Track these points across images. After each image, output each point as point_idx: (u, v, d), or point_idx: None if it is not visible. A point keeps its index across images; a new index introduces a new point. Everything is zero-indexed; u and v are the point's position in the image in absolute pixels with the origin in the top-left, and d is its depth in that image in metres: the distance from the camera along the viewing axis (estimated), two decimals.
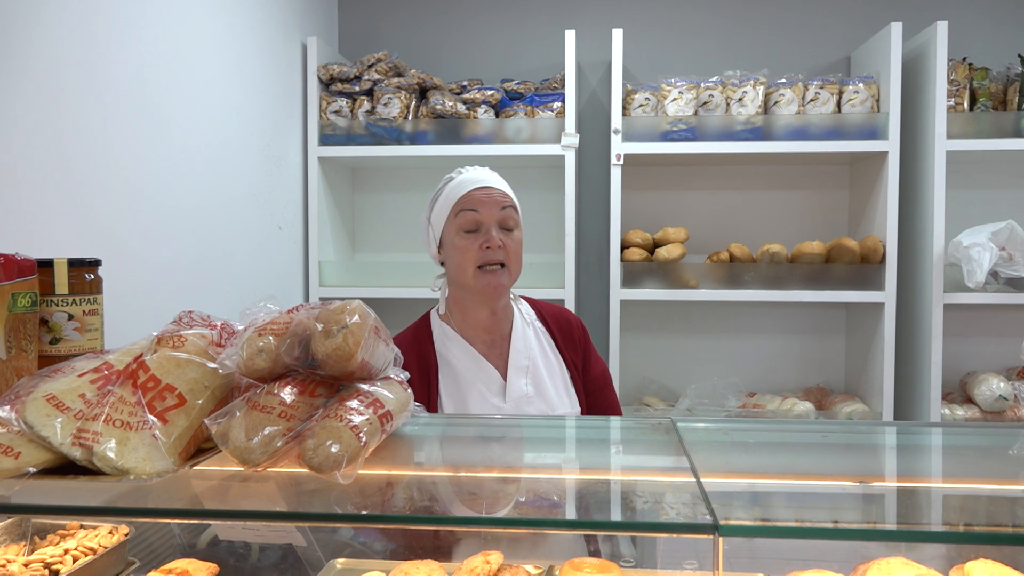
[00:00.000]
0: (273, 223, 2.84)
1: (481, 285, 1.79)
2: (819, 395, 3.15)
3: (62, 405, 0.93)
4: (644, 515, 0.88)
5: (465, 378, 1.85)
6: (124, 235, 1.96)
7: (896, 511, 1.05)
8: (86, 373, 0.99)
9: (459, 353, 1.87)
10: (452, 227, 1.81)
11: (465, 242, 1.79)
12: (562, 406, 1.88)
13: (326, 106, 3.11)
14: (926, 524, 1.00)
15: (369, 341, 1.02)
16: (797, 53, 3.29)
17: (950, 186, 2.82)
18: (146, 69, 2.05)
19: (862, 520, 0.97)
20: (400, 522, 0.94)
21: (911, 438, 1.37)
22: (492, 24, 3.43)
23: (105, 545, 1.26)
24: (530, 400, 1.85)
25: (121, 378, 0.97)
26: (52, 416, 0.91)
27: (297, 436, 0.94)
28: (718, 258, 2.99)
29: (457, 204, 1.80)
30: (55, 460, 0.91)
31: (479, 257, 1.78)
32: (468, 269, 1.79)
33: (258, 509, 0.93)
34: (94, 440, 0.89)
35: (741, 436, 1.27)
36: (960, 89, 2.88)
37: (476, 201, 1.79)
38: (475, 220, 1.78)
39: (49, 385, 0.96)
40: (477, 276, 1.79)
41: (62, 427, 0.91)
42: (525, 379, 1.86)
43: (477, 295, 1.84)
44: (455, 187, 1.83)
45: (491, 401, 1.83)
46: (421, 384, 1.83)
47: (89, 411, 0.92)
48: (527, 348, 1.90)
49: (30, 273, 1.15)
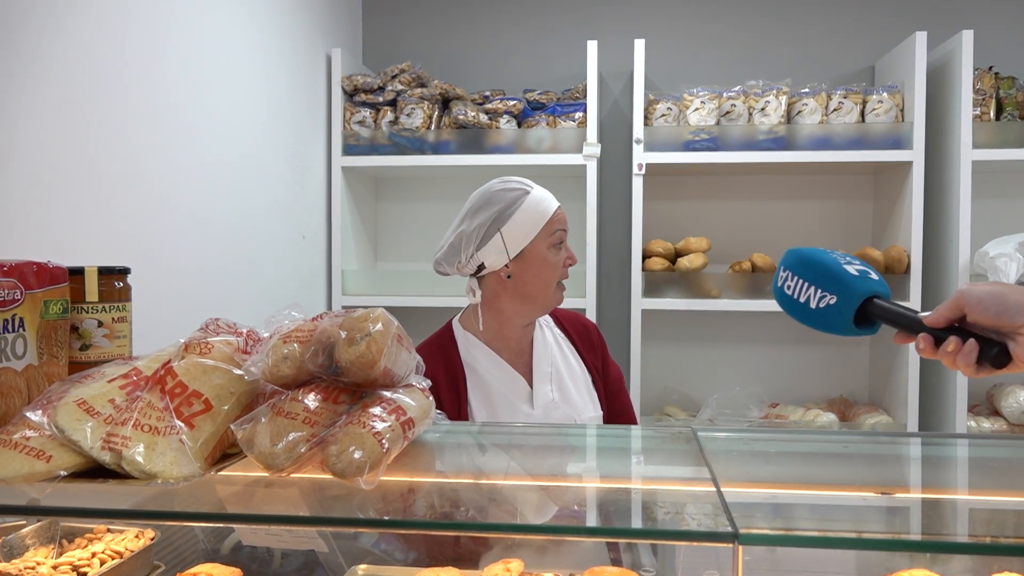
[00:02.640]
0: (297, 232, 2.87)
1: (557, 299, 1.88)
2: (842, 406, 3.13)
3: (92, 410, 0.95)
4: (664, 523, 0.88)
5: (493, 387, 1.87)
6: (152, 243, 2.00)
7: (920, 522, 1.04)
8: (116, 379, 1.01)
9: (485, 362, 1.89)
10: (544, 242, 1.83)
11: (557, 258, 1.85)
12: (587, 410, 1.92)
13: (350, 116, 3.14)
14: (950, 535, 0.99)
15: (392, 349, 1.03)
16: (820, 63, 3.28)
17: (976, 196, 2.79)
18: (173, 80, 2.08)
19: (884, 531, 0.96)
20: (421, 527, 0.95)
21: (935, 449, 1.37)
22: (514, 35, 3.45)
23: (132, 549, 1.28)
24: (557, 406, 1.88)
25: (150, 384, 0.99)
26: (83, 421, 0.93)
27: (321, 442, 0.95)
28: (740, 268, 2.98)
29: (552, 222, 1.84)
30: (86, 464, 0.93)
31: (562, 274, 1.87)
32: (552, 284, 1.86)
33: (281, 514, 0.94)
34: (123, 445, 0.91)
35: (762, 446, 1.27)
36: (986, 98, 2.86)
37: (563, 220, 1.86)
38: (564, 238, 1.86)
39: (80, 391, 0.98)
40: (557, 290, 1.87)
41: (92, 432, 0.93)
42: (550, 385, 1.90)
43: (544, 309, 1.91)
44: (542, 201, 1.83)
45: (520, 408, 1.86)
46: (451, 394, 1.85)
47: (118, 416, 0.94)
48: (549, 355, 1.94)
49: (62, 281, 1.18)
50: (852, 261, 1.07)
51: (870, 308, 1.02)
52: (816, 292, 1.05)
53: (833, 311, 1.04)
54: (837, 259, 1.07)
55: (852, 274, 1.04)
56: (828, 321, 1.05)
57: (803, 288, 1.07)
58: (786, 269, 1.12)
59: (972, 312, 0.93)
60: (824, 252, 1.09)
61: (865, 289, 1.02)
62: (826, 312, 1.04)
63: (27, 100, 1.60)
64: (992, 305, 0.91)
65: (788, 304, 1.10)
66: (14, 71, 1.56)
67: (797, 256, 1.11)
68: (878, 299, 1.03)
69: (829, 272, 1.05)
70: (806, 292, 1.07)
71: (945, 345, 0.95)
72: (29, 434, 0.93)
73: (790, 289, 1.10)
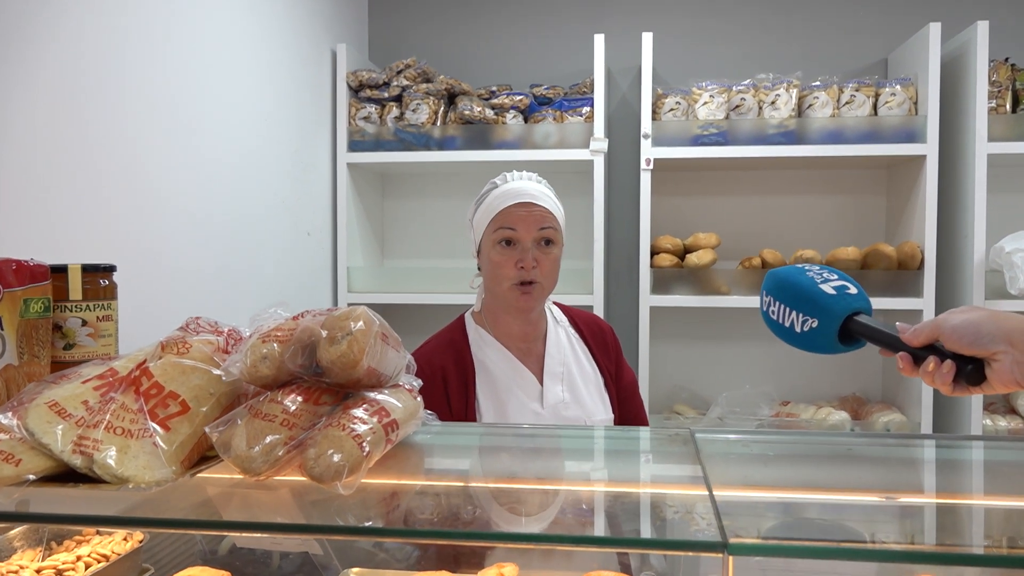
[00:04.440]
0: (302, 229, 2.85)
1: (513, 299, 1.79)
2: (855, 404, 3.07)
3: (64, 412, 0.92)
4: (650, 532, 0.85)
5: (503, 383, 1.84)
6: (152, 241, 1.97)
7: (925, 530, 1.01)
8: (90, 380, 0.98)
9: (496, 358, 1.86)
10: (489, 239, 1.79)
11: (501, 257, 1.77)
12: (597, 412, 1.88)
13: (355, 112, 3.11)
14: (956, 545, 0.95)
15: (375, 348, 1.00)
16: (832, 55, 3.22)
17: (991, 190, 2.73)
18: (174, 77, 2.06)
19: (887, 540, 0.92)
20: (398, 536, 0.92)
21: (944, 452, 1.32)
22: (521, 29, 3.42)
23: (118, 552, 1.25)
24: (567, 406, 1.84)
25: (124, 385, 0.96)
26: (53, 423, 0.91)
27: (299, 445, 0.92)
28: (750, 264, 2.94)
29: (497, 218, 1.78)
30: (56, 467, 0.91)
31: (514, 275, 1.77)
32: (503, 283, 1.78)
33: (253, 520, 0.91)
34: (94, 448, 0.88)
35: (761, 448, 1.23)
36: (1002, 91, 2.80)
37: (515, 219, 1.76)
38: (511, 237, 1.76)
39: (53, 392, 0.95)
40: (511, 291, 1.78)
41: (63, 434, 0.90)
42: (561, 385, 1.86)
43: (504, 305, 1.84)
44: (497, 197, 1.79)
45: (529, 407, 1.82)
46: (459, 387, 1.82)
47: (91, 418, 0.92)
48: (561, 355, 1.90)
49: (43, 279, 1.15)
50: (829, 276, 1.07)
51: (852, 326, 1.03)
52: (799, 316, 1.06)
53: (817, 334, 1.04)
54: (814, 279, 1.07)
55: (829, 294, 1.04)
56: (814, 343, 1.06)
57: (786, 312, 1.07)
58: (768, 294, 1.11)
59: (947, 341, 0.96)
60: (800, 272, 1.08)
61: (843, 309, 1.03)
62: (810, 335, 1.05)
63: (19, 95, 1.57)
64: (967, 335, 0.94)
65: (775, 328, 1.11)
66: (4, 63, 1.54)
67: (775, 280, 1.11)
68: (859, 316, 1.03)
69: (806, 295, 1.05)
70: (789, 316, 1.07)
71: (925, 365, 0.98)
72: None
73: (774, 314, 1.10)
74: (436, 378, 1.79)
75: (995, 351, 0.93)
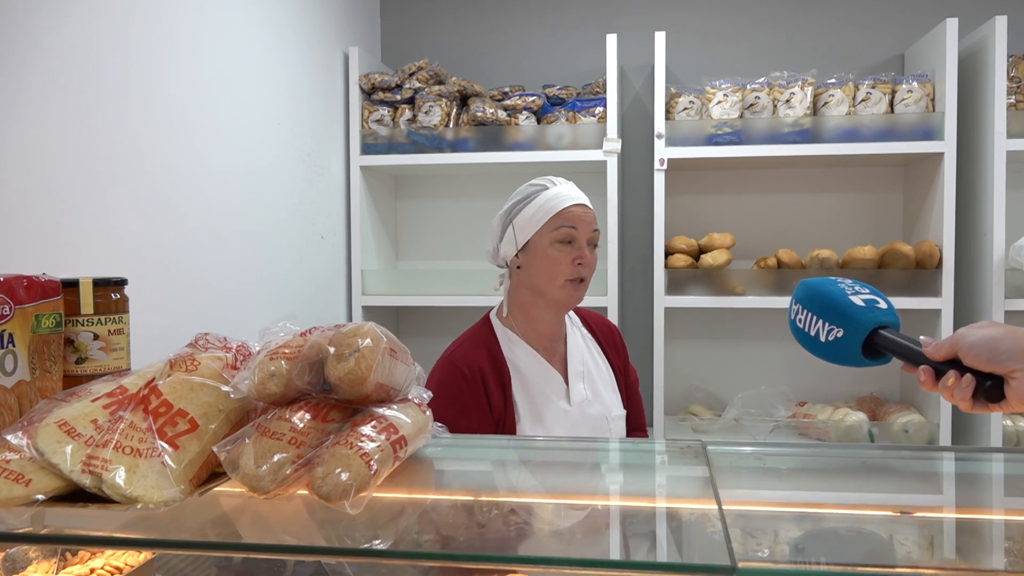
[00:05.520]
0: (315, 233, 2.85)
1: (565, 296, 1.88)
2: (873, 405, 3.04)
3: (73, 431, 0.92)
4: (654, 555, 0.84)
5: (534, 382, 1.91)
6: (163, 250, 1.98)
7: (945, 549, 0.99)
8: (99, 398, 0.98)
9: (526, 358, 1.94)
10: (547, 236, 1.87)
11: (560, 253, 1.86)
12: (615, 408, 1.99)
13: (368, 115, 3.11)
14: (978, 566, 0.94)
15: (383, 364, 1.00)
16: (847, 52, 3.19)
17: (1010, 187, 2.69)
18: (182, 82, 2.06)
19: (904, 561, 0.91)
20: (405, 558, 0.91)
21: (965, 465, 1.30)
22: (533, 30, 3.40)
23: (131, 564, 1.26)
24: (590, 403, 1.94)
25: (133, 403, 0.96)
26: (63, 443, 0.91)
27: (307, 463, 0.92)
28: (765, 264, 2.91)
29: (558, 216, 1.86)
30: (66, 487, 0.91)
31: (571, 271, 1.86)
32: (558, 279, 1.87)
33: (259, 542, 0.91)
34: (103, 468, 0.89)
35: (774, 462, 1.22)
36: (1021, 86, 2.76)
37: (575, 217, 1.86)
38: (572, 235, 1.86)
39: (62, 411, 0.96)
40: (564, 287, 1.87)
41: (72, 454, 0.90)
42: (583, 383, 1.96)
43: (556, 304, 1.92)
44: (554, 198, 1.88)
45: (558, 404, 1.91)
46: (497, 386, 1.88)
47: (100, 437, 0.92)
48: (580, 355, 2.00)
49: (54, 294, 1.16)
50: (860, 290, 1.07)
51: (876, 339, 1.03)
52: (825, 325, 1.06)
53: (841, 344, 1.04)
54: (844, 290, 1.07)
55: (858, 306, 1.04)
56: (838, 354, 1.05)
57: (812, 321, 1.08)
58: (796, 302, 1.12)
59: (966, 358, 0.95)
60: (832, 283, 1.09)
61: (870, 321, 1.03)
62: (835, 345, 1.05)
63: (23, 102, 1.57)
64: (984, 351, 0.93)
65: (801, 337, 1.11)
66: (9, 69, 1.54)
67: (806, 289, 1.11)
68: (885, 330, 1.03)
69: (835, 305, 1.06)
70: (815, 325, 1.07)
71: (945, 379, 0.96)
72: (9, 456, 0.91)
73: (801, 323, 1.10)
74: (476, 379, 1.86)
75: (1013, 368, 0.91)
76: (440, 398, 1.76)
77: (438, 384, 1.87)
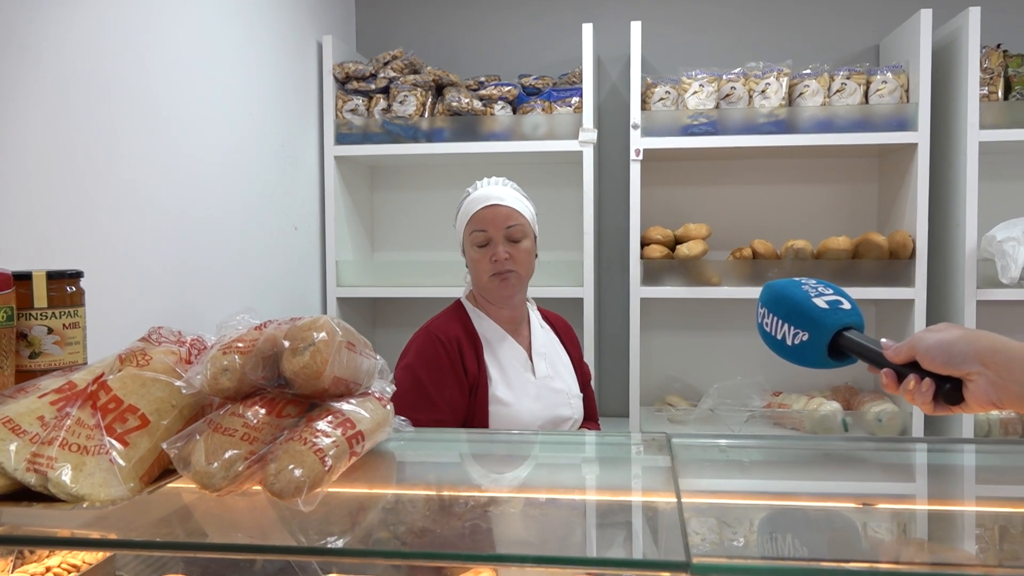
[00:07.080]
0: (289, 223, 2.82)
1: (495, 290, 2.04)
2: (847, 394, 3.06)
3: (18, 428, 0.90)
4: (607, 550, 0.83)
5: (502, 354, 2.07)
6: (129, 240, 1.94)
7: (908, 542, 0.98)
8: (47, 394, 0.96)
9: (494, 332, 2.09)
10: (468, 240, 2.05)
11: (478, 255, 2.03)
12: (574, 388, 2.15)
13: (342, 105, 3.08)
14: (941, 559, 0.93)
15: (340, 357, 0.98)
16: (822, 43, 3.18)
17: (983, 178, 2.70)
18: (153, 70, 2.03)
19: (865, 556, 0.90)
20: (359, 556, 0.90)
21: (930, 456, 1.29)
22: (510, 19, 3.38)
23: (89, 562, 1.24)
24: (552, 380, 2.10)
25: (80, 399, 0.94)
26: (7, 440, 0.89)
27: (260, 459, 0.90)
28: (741, 255, 2.91)
29: (471, 221, 2.03)
30: (11, 486, 0.88)
31: (490, 268, 2.01)
32: (483, 277, 2.03)
33: (208, 542, 0.89)
34: (48, 466, 0.86)
35: (739, 454, 1.21)
36: (994, 77, 2.77)
37: (484, 221, 2.01)
38: (485, 237, 2.01)
39: (7, 408, 0.93)
40: (491, 281, 2.03)
41: (16, 452, 0.88)
42: (545, 363, 2.11)
43: (488, 297, 2.08)
44: (469, 203, 2.05)
45: (525, 376, 2.06)
46: (472, 356, 2.02)
47: (45, 435, 0.90)
48: (542, 338, 2.16)
49: (5, 287, 1.13)
50: (824, 291, 1.07)
51: (841, 341, 1.03)
52: (790, 329, 1.06)
53: (807, 347, 1.05)
54: (808, 292, 1.07)
55: (822, 308, 1.04)
56: (805, 357, 1.06)
57: (779, 325, 1.08)
58: (763, 306, 1.12)
59: (923, 361, 0.96)
60: (796, 285, 1.09)
61: (833, 324, 1.03)
62: (801, 348, 1.05)
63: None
64: (940, 355, 0.94)
65: (769, 341, 1.11)
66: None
67: (771, 292, 1.11)
68: (849, 331, 1.03)
69: (798, 308, 1.06)
70: (781, 329, 1.07)
71: (905, 383, 0.97)
72: None
73: (768, 326, 1.10)
74: (453, 345, 2.00)
75: (968, 371, 0.91)
76: (420, 363, 1.98)
77: (418, 350, 2.01)
